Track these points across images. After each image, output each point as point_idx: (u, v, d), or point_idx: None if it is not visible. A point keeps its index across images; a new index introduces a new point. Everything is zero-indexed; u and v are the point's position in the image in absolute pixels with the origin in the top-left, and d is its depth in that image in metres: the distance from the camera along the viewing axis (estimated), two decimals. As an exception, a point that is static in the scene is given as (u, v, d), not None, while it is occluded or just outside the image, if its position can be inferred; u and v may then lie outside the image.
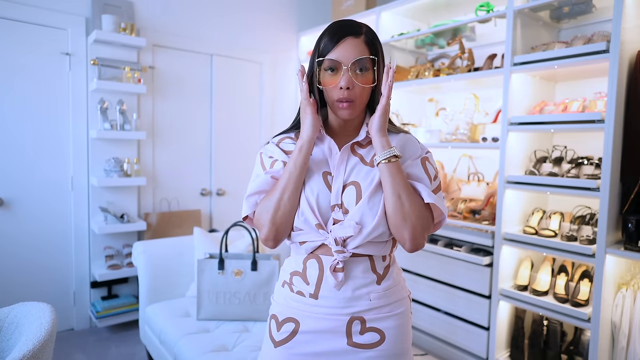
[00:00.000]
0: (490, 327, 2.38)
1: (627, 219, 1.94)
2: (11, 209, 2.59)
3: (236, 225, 2.13)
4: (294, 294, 1.03)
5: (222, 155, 3.39)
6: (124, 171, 2.80)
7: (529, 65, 2.20)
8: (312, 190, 0.99)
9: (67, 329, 2.84)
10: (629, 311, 2.00)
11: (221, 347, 1.85)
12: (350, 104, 0.97)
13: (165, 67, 3.08)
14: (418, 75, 2.85)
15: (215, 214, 3.39)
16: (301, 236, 1.01)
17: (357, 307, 0.99)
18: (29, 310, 1.24)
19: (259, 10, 3.51)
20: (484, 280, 2.39)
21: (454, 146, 2.63)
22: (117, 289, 2.97)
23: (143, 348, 2.58)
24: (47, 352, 1.11)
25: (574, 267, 2.31)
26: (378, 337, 1.00)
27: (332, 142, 1.03)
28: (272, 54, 3.61)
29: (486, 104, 2.84)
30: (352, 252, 0.97)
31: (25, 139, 2.61)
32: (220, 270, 2.06)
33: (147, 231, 2.96)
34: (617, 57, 1.89)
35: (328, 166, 1.02)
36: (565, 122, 2.11)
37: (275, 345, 1.04)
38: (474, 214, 2.55)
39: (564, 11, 2.35)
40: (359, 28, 0.98)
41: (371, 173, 1.00)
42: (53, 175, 2.72)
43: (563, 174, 2.22)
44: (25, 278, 2.66)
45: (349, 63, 0.95)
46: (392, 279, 1.04)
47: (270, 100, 3.65)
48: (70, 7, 2.69)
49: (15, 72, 2.55)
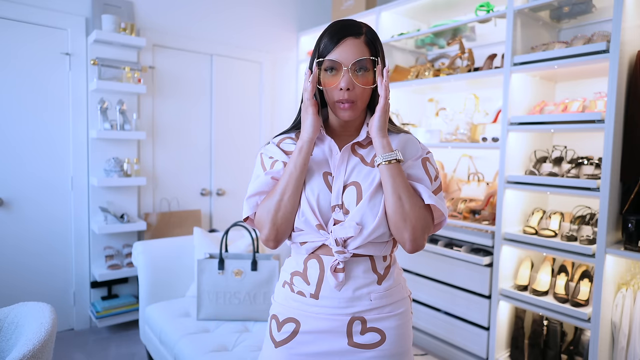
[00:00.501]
0: (490, 327, 2.38)
1: (627, 219, 1.94)
2: (11, 209, 2.59)
3: (236, 225, 2.13)
4: (295, 294, 1.03)
5: (222, 155, 3.39)
6: (124, 171, 2.80)
7: (529, 65, 2.20)
8: (312, 191, 0.99)
9: (67, 329, 2.84)
10: (629, 311, 2.00)
11: (221, 347, 1.85)
12: (350, 104, 0.97)
13: (165, 67, 3.08)
14: (418, 75, 2.85)
15: (215, 214, 3.39)
16: (302, 236, 1.01)
17: (358, 307, 0.99)
18: (29, 310, 1.24)
19: (259, 10, 3.51)
20: (484, 280, 2.39)
21: (454, 146, 2.63)
22: (117, 289, 2.97)
23: (143, 348, 2.58)
24: (47, 352, 1.11)
25: (574, 267, 2.31)
26: (379, 337, 1.00)
27: (333, 143, 1.03)
28: (272, 54, 3.61)
29: (486, 104, 2.84)
30: (353, 252, 0.97)
31: (25, 138, 2.61)
32: (220, 270, 2.06)
33: (147, 231, 2.96)
34: (617, 57, 1.89)
35: (328, 166, 1.02)
36: (565, 122, 2.11)
37: (276, 345, 1.04)
38: (474, 214, 2.55)
39: (564, 11, 2.35)
40: (360, 28, 0.98)
41: (372, 173, 1.00)
42: (53, 175, 2.72)
43: (563, 174, 2.22)
44: (25, 278, 2.66)
45: (349, 64, 0.95)
46: (393, 279, 1.04)
47: (270, 100, 3.65)
48: (70, 7, 2.69)
49: (15, 72, 2.55)
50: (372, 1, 3.27)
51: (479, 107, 2.78)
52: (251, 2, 3.46)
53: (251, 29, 3.47)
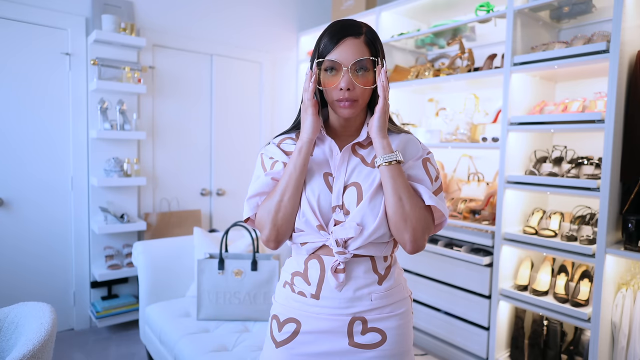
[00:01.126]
0: (490, 327, 2.38)
1: (627, 219, 1.94)
2: (11, 209, 2.59)
3: (236, 225, 2.13)
4: (295, 294, 1.03)
5: (222, 155, 3.39)
6: (124, 171, 2.79)
7: (529, 65, 2.20)
8: (313, 192, 0.99)
9: (67, 329, 2.84)
10: (629, 311, 2.00)
11: (221, 347, 1.85)
12: (351, 103, 0.97)
13: (165, 67, 3.08)
14: (418, 75, 2.85)
15: (215, 214, 3.39)
16: (302, 237, 1.01)
17: (359, 307, 0.99)
18: (29, 310, 1.24)
19: (259, 10, 3.51)
20: (484, 280, 2.39)
21: (454, 146, 2.63)
22: (117, 289, 2.97)
23: (143, 348, 2.58)
24: (47, 352, 1.11)
25: (574, 267, 2.31)
26: (379, 337, 1.00)
27: (333, 143, 1.03)
28: (272, 54, 3.61)
29: (486, 104, 2.84)
30: (354, 253, 0.97)
31: (25, 138, 2.61)
32: (220, 270, 2.06)
33: (147, 231, 2.96)
34: (617, 57, 1.89)
35: (329, 167, 1.02)
36: (565, 122, 2.11)
37: (277, 345, 1.04)
38: (474, 214, 2.55)
39: (564, 11, 2.35)
40: (360, 28, 0.98)
41: (372, 174, 0.99)
42: (53, 175, 2.72)
43: (563, 174, 2.22)
44: (25, 278, 2.66)
45: (349, 64, 0.95)
46: (394, 280, 1.04)
47: (270, 100, 3.65)
48: (70, 7, 2.69)
49: (15, 72, 2.54)
50: (372, 1, 3.27)
51: (479, 107, 2.78)
52: (251, 2, 3.46)
53: (251, 29, 3.47)
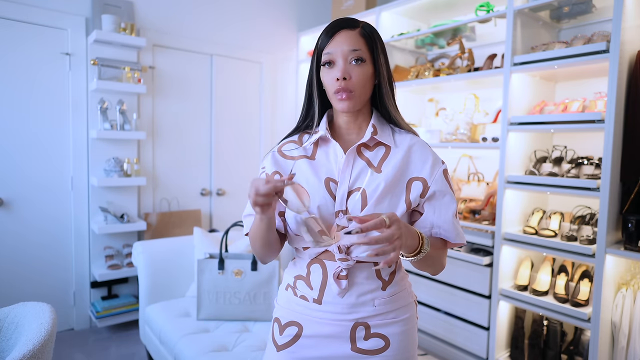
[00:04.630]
0: (490, 327, 2.38)
1: (627, 219, 1.93)
2: (11, 209, 2.59)
3: (236, 225, 2.13)
4: (298, 298, 1.02)
5: (222, 155, 3.39)
6: (124, 171, 2.79)
7: (529, 65, 2.20)
8: (313, 204, 0.97)
9: (67, 329, 2.84)
10: (629, 311, 2.00)
11: (221, 347, 1.85)
12: (348, 94, 0.95)
13: (165, 67, 3.08)
14: (418, 75, 2.85)
15: (215, 214, 3.39)
16: (304, 242, 0.99)
17: (362, 312, 0.97)
18: (29, 310, 1.24)
19: (259, 10, 3.50)
20: (484, 280, 2.39)
21: (454, 146, 2.63)
22: (117, 289, 2.97)
23: (143, 348, 2.58)
24: (47, 352, 1.11)
25: (574, 267, 2.31)
26: (383, 343, 0.98)
27: (338, 146, 1.00)
28: (272, 54, 3.61)
29: (486, 104, 2.84)
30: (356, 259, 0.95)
31: (25, 139, 2.60)
32: (220, 270, 2.06)
33: (147, 231, 2.96)
34: (617, 57, 1.89)
35: (332, 172, 0.99)
36: (565, 122, 2.11)
37: (278, 349, 1.03)
38: (474, 214, 2.55)
39: (564, 11, 2.35)
40: (356, 22, 0.98)
41: (377, 179, 0.96)
42: (53, 175, 2.72)
43: (563, 174, 2.22)
44: (25, 278, 2.66)
45: (343, 53, 0.95)
46: (398, 285, 1.02)
47: (270, 100, 3.65)
48: (70, 7, 2.69)
49: (15, 72, 2.54)
50: (372, 1, 3.27)
51: (479, 107, 2.78)
52: (251, 2, 3.45)
53: (251, 29, 3.47)
